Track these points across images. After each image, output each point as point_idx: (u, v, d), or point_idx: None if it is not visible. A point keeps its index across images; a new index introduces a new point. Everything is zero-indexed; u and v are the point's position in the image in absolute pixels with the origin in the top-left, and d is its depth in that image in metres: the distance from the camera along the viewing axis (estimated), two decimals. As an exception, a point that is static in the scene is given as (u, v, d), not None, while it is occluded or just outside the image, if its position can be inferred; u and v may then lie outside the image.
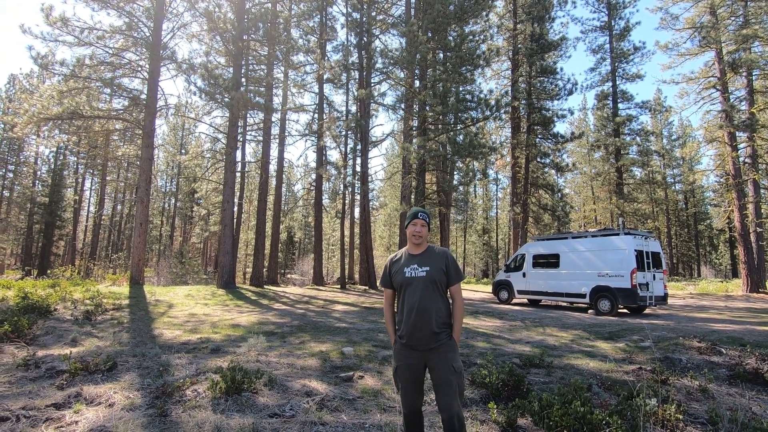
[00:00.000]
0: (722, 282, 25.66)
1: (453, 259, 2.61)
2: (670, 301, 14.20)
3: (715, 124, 22.61)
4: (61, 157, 37.64)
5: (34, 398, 3.74)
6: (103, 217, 42.50)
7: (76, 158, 39.99)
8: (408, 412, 2.55)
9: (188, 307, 10.77)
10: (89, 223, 44.41)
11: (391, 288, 2.69)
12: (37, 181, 39.00)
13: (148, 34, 16.82)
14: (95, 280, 21.26)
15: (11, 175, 38.89)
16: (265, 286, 18.92)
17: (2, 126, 34.50)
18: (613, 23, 30.08)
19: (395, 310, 2.70)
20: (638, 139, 30.69)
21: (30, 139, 34.45)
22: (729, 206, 23.06)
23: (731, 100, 21.74)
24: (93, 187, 45.17)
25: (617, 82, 30.15)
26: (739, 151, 21.48)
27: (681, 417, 3.43)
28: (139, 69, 17.76)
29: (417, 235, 2.58)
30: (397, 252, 2.76)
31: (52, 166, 37.58)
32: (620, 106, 30.22)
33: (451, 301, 2.61)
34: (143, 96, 17.70)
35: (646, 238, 12.10)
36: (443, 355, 2.44)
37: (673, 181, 44.45)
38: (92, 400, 3.71)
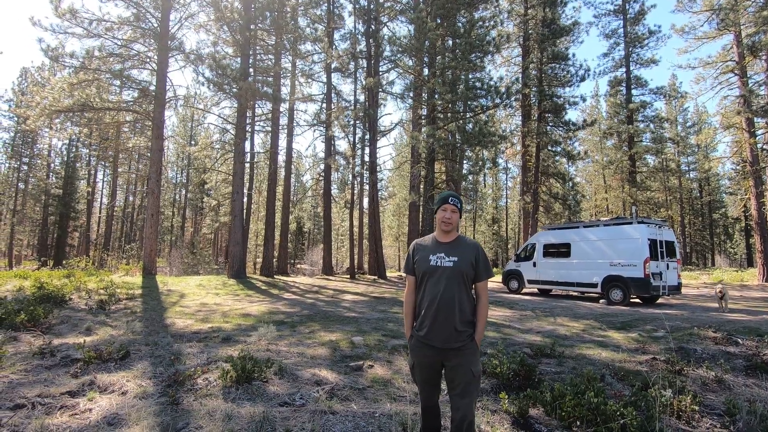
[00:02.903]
0: (737, 271, 25.22)
1: (484, 254, 2.41)
2: (683, 290, 13.99)
3: (732, 110, 21.99)
4: (74, 150, 38.09)
5: (49, 386, 3.80)
6: (116, 209, 43.08)
7: (88, 150, 40.43)
8: (425, 406, 2.48)
9: (200, 297, 10.90)
10: (102, 214, 45.07)
11: (414, 275, 2.49)
12: (51, 174, 39.59)
13: (156, 25, 16.79)
14: (109, 270, 21.62)
15: (26, 167, 39.53)
16: (275, 276, 19.06)
17: (16, 119, 34.98)
18: (627, 7, 29.25)
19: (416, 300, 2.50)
20: (652, 126, 30.00)
21: (43, 132, 34.84)
22: (746, 194, 22.54)
23: (750, 85, 21.11)
24: (105, 179, 45.72)
25: (631, 68, 29.41)
26: (758, 138, 20.92)
27: (697, 408, 3.36)
28: (148, 60, 17.78)
29: (447, 222, 2.39)
30: (424, 237, 2.56)
31: (65, 159, 38.08)
32: (634, 92, 29.53)
33: (475, 298, 2.44)
34: (152, 87, 17.74)
35: (659, 227, 11.90)
36: (463, 357, 2.29)
37: (687, 168, 43.58)
38: (105, 388, 3.76)
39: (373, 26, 20.57)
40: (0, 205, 38.62)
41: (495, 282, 19.36)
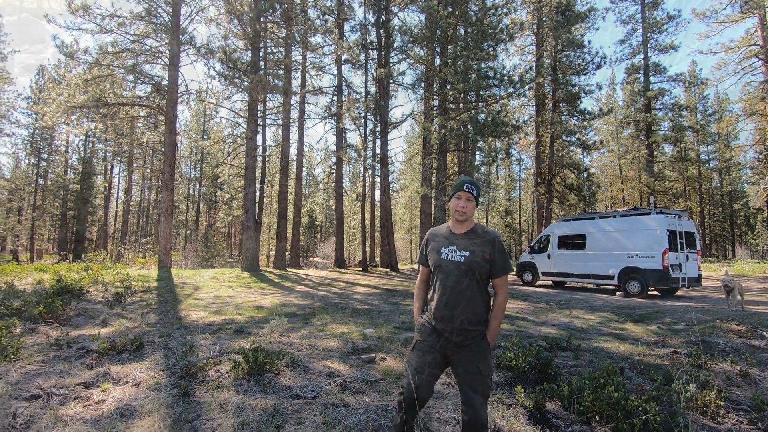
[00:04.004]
0: (759, 263, 24.53)
1: (501, 247, 2.22)
2: (704, 282, 13.63)
3: (756, 96, 21.28)
4: (90, 145, 38.79)
5: (64, 377, 3.84)
6: (132, 203, 43.86)
7: (104, 146, 41.11)
8: (408, 403, 2.19)
9: (213, 290, 10.99)
10: (119, 209, 45.93)
11: (427, 266, 2.35)
12: (69, 169, 40.37)
13: (167, 20, 16.85)
14: (125, 263, 22.03)
15: (44, 163, 40.36)
16: (287, 269, 19.18)
17: (34, 116, 35.67)
18: (645, -9, 28.40)
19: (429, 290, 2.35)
20: (671, 114, 29.24)
21: (60, 128, 35.41)
22: (769, 183, 21.83)
23: (775, 70, 20.37)
24: (121, 174, 46.53)
25: (649, 54, 28.61)
26: (783, 125, 20.23)
27: (722, 404, 3.23)
28: (160, 55, 17.88)
29: (460, 211, 2.22)
30: (440, 226, 2.41)
31: (82, 154, 38.80)
32: (652, 79, 28.75)
33: (492, 295, 2.26)
34: (165, 82, 17.85)
35: (679, 218, 11.58)
36: (470, 354, 2.14)
37: (707, 158, 42.42)
38: (119, 380, 3.78)
39: (383, 16, 20.31)
40: (21, 200, 39.58)
41: (509, 275, 19.08)
